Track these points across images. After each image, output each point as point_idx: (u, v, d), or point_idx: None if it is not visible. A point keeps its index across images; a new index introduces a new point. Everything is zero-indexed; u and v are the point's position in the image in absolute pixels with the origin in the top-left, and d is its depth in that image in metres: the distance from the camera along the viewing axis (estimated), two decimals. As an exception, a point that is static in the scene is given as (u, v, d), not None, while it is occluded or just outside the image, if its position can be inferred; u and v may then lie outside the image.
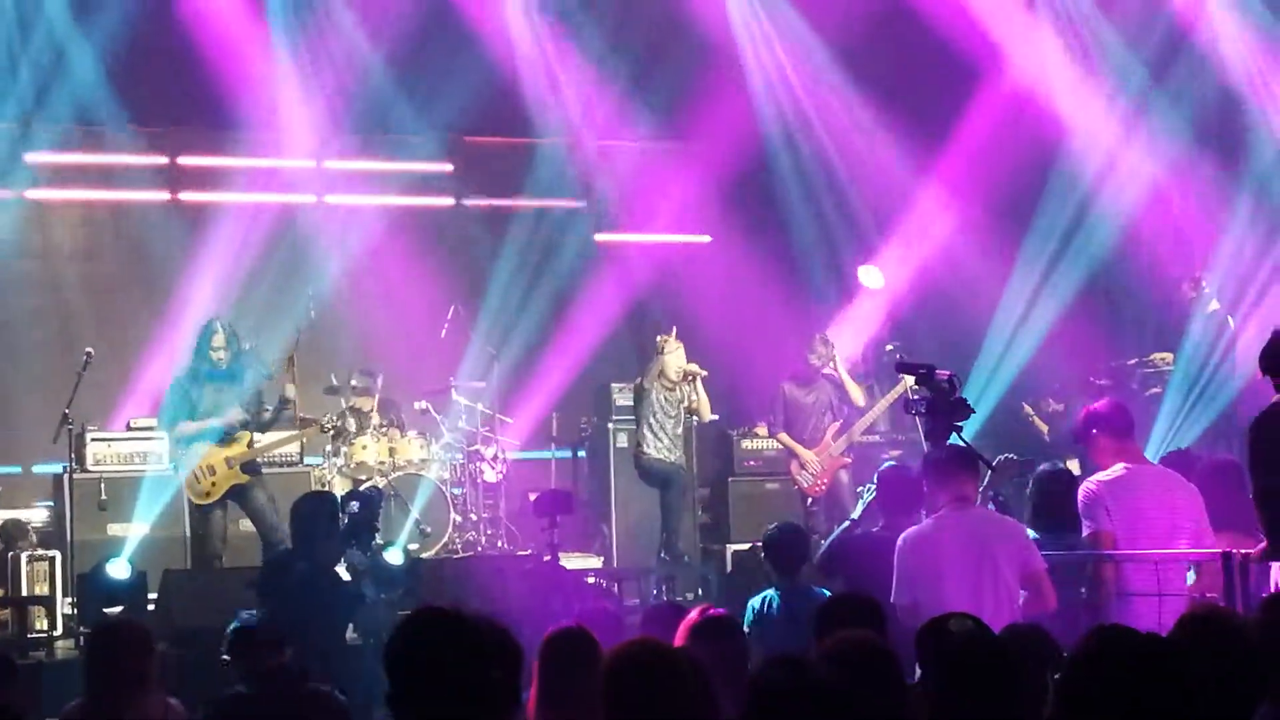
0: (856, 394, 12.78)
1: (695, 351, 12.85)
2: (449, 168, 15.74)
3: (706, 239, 16.12)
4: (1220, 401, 12.32)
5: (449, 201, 15.91)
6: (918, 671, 4.95)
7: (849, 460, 12.76)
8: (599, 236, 16.02)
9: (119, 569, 10.62)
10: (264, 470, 11.88)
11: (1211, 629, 4.74)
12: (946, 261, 14.58)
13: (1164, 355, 13.42)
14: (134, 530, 11.49)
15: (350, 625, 8.76)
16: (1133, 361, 13.62)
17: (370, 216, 15.33)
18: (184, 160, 15.04)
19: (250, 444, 11.33)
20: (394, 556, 11.08)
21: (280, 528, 10.96)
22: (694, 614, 5.51)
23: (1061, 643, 5.50)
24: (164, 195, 15.02)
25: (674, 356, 12.61)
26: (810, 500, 12.76)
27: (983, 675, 4.66)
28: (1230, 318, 13.01)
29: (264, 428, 11.55)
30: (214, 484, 11.21)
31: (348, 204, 15.35)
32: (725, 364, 13.63)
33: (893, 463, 9.38)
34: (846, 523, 8.71)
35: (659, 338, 12.81)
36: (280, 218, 14.82)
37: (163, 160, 15.00)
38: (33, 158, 14.32)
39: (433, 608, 4.01)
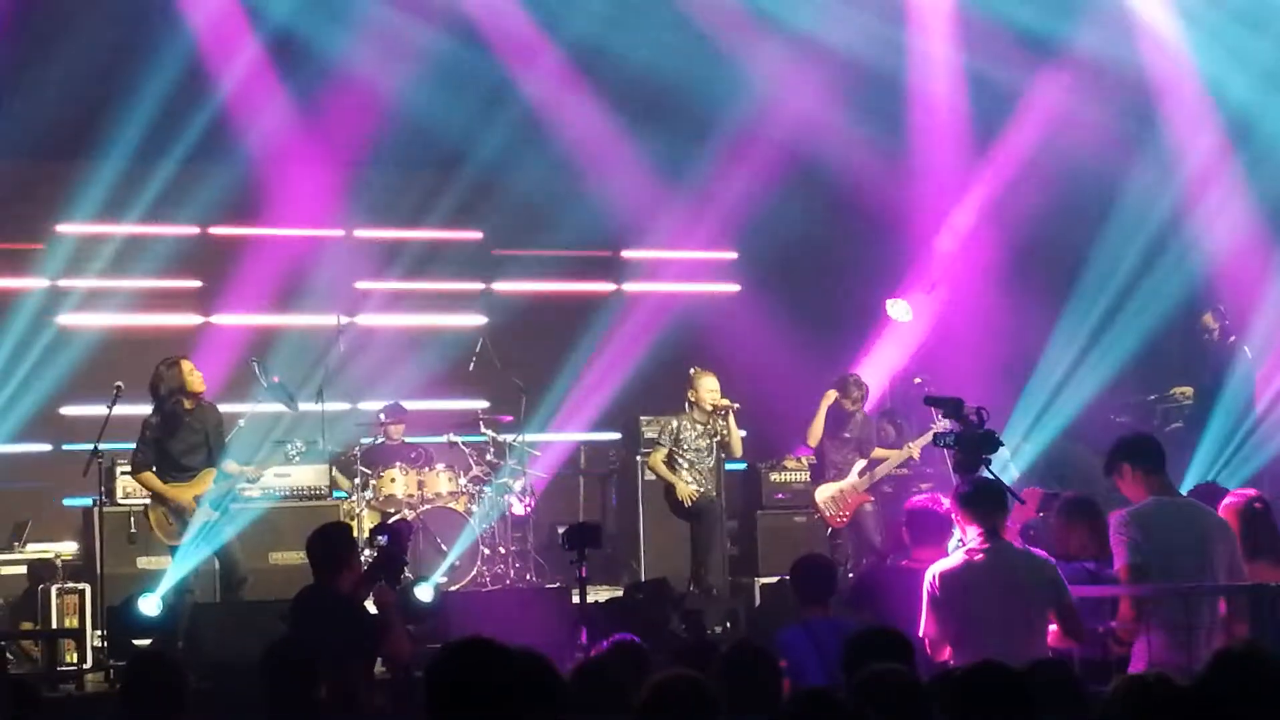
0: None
1: (723, 384, 12.84)
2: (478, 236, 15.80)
3: (735, 287, 16.14)
4: (1274, 446, 12.17)
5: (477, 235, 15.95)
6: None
7: (871, 496, 12.80)
8: (626, 287, 16.04)
9: (150, 605, 10.64)
10: (284, 504, 12.09)
11: (1245, 666, 4.72)
12: (977, 295, 14.56)
13: (1183, 389, 13.31)
14: (164, 564, 11.49)
15: (379, 658, 8.76)
16: (1152, 397, 13.50)
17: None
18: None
19: (216, 480, 11.27)
20: (424, 593, 11.08)
21: (242, 564, 11.05)
22: None
23: (1092, 675, 5.49)
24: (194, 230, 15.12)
25: (707, 388, 12.60)
26: (830, 531, 12.82)
27: (1004, 712, 4.68)
28: (1247, 348, 12.95)
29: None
30: (185, 524, 11.13)
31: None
32: (752, 397, 13.62)
33: (921, 494, 9.38)
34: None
35: (692, 369, 12.83)
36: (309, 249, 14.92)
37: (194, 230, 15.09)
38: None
39: (475, 638, 3.98)
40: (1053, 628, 7.05)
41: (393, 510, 12.86)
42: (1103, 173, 14.07)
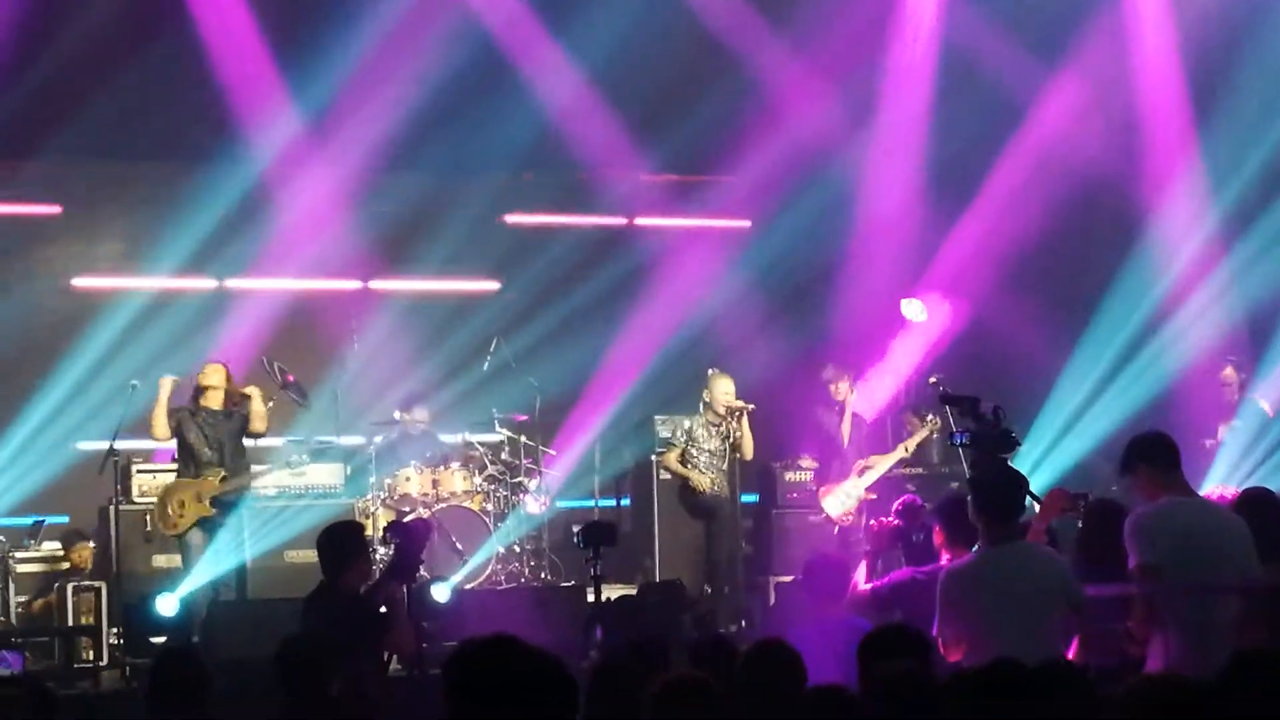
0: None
1: (738, 384, 12.85)
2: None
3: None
4: None
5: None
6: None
7: (874, 494, 12.79)
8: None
9: (167, 605, 10.66)
10: (299, 502, 12.23)
11: (1262, 666, 4.71)
12: (993, 300, 14.55)
13: None
14: (180, 561, 11.51)
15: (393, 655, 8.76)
16: None
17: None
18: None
19: (222, 480, 11.35)
20: (441, 593, 11.07)
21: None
22: None
23: (1106, 676, 5.47)
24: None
25: (722, 390, 12.63)
26: (837, 529, 12.81)
27: (1018, 711, 4.67)
28: (1265, 402, 12.87)
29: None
30: (181, 517, 11.25)
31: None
32: (768, 396, 13.61)
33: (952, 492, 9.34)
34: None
35: (710, 370, 12.86)
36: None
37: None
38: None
39: (494, 634, 3.98)
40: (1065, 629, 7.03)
41: (407, 509, 12.85)
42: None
